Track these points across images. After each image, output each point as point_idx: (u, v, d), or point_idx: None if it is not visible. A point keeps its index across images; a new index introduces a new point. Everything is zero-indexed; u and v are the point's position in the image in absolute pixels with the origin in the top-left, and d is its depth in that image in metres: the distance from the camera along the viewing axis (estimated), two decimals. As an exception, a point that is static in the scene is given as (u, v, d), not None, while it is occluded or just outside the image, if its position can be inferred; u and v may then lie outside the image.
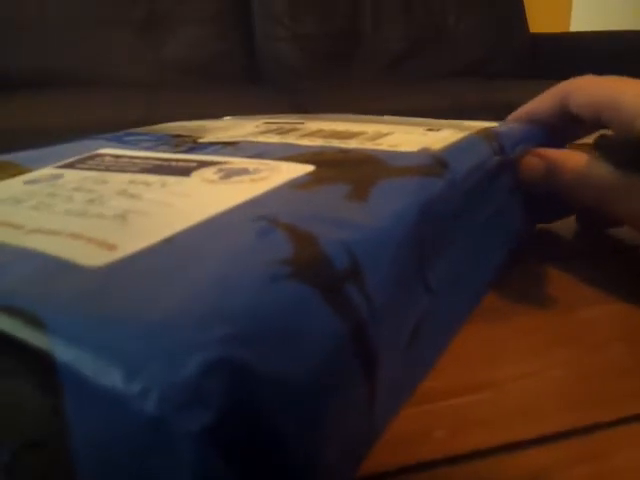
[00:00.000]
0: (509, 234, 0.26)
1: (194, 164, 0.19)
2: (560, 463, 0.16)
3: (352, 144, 0.20)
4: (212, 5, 1.43)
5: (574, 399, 0.18)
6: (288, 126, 0.24)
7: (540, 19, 1.97)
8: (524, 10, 1.82)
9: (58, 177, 0.19)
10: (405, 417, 0.17)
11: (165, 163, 0.19)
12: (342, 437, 0.11)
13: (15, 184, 0.19)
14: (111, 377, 0.09)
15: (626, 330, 0.22)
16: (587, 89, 0.25)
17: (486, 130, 0.23)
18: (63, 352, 0.09)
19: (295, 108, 1.01)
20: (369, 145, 0.20)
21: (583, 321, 0.22)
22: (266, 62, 1.45)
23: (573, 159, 0.24)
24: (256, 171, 0.18)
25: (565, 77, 0.27)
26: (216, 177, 0.17)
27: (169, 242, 0.13)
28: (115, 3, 1.36)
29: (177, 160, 0.20)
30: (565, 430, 0.17)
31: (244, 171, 0.18)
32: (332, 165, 0.18)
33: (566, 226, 0.31)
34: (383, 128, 0.23)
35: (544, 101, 0.27)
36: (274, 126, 0.25)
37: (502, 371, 0.19)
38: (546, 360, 0.20)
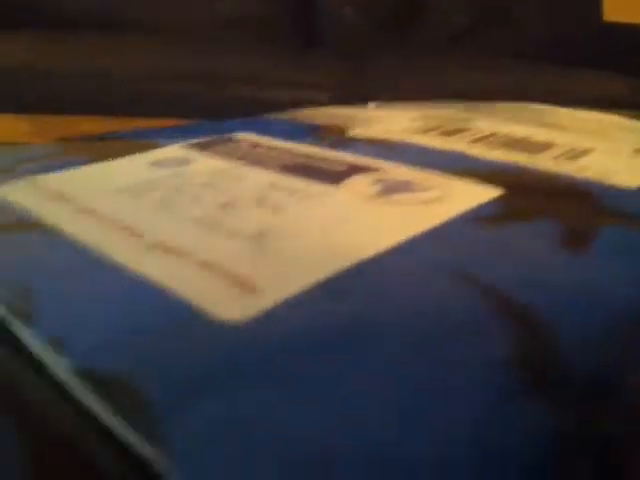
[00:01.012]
0: None
1: (343, 167, 0.16)
2: None
3: (543, 162, 0.16)
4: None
5: None
6: (452, 124, 0.20)
7: (616, 8, 1.76)
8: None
9: (185, 162, 0.16)
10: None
11: (309, 161, 0.16)
12: None
13: (139, 165, 0.16)
14: None
15: None
16: None
17: None
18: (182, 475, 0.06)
19: (354, 72, 0.96)
20: (568, 167, 0.15)
21: None
22: (324, 25, 1.39)
23: None
24: (423, 188, 0.14)
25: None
26: (373, 191, 0.14)
27: (323, 288, 0.09)
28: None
29: (323, 159, 0.16)
30: None
31: (407, 186, 0.14)
32: (525, 192, 0.14)
33: None
34: (577, 140, 0.18)
35: None
36: (433, 122, 0.21)
37: None
38: None
